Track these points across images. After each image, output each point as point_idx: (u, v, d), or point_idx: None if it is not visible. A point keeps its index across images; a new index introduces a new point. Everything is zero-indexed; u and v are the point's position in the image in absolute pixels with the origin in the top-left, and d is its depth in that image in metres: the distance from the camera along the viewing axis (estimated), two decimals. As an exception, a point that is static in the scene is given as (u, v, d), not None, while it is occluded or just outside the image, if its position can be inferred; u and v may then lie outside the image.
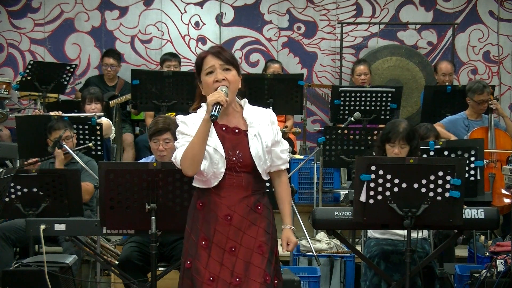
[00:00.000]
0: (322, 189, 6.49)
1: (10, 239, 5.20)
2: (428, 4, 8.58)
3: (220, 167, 3.18)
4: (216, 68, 3.20)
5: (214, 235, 3.19)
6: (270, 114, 3.33)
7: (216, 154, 3.18)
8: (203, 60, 3.24)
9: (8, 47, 8.41)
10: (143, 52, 8.50)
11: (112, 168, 3.88)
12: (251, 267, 3.16)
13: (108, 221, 3.95)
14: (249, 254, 3.18)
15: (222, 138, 3.22)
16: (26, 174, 4.82)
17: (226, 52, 3.24)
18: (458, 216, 3.99)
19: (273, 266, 3.21)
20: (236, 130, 3.24)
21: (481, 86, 6.46)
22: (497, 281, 4.63)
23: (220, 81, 3.18)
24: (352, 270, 5.41)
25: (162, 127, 4.65)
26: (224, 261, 3.17)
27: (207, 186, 3.22)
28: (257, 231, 3.21)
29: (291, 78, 6.71)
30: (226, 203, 3.20)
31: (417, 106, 8.18)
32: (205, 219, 3.22)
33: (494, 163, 6.23)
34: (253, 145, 3.21)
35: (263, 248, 3.19)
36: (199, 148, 3.13)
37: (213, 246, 3.19)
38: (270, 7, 8.53)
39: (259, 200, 3.26)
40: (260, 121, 3.27)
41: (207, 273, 3.16)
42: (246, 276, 3.15)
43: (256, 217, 3.23)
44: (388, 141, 4.57)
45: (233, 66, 3.22)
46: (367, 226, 4.38)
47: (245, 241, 3.19)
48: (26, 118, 6.42)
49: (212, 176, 3.19)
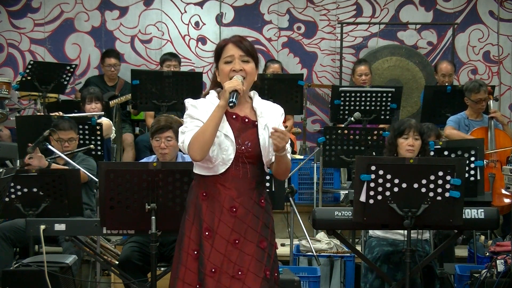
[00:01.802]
0: (322, 189, 6.49)
1: (10, 239, 5.19)
2: (428, 4, 8.58)
3: (229, 153, 3.17)
4: (235, 58, 3.21)
5: (219, 226, 3.17)
6: (279, 108, 3.34)
7: (227, 139, 3.17)
8: (223, 48, 3.24)
9: (8, 47, 8.41)
10: (143, 52, 8.51)
11: (112, 168, 3.89)
12: (252, 261, 3.15)
13: (108, 221, 3.95)
14: (251, 247, 3.16)
15: (232, 126, 3.21)
16: (26, 174, 4.82)
17: (247, 43, 3.24)
18: (458, 216, 3.99)
19: (272, 261, 3.21)
20: (246, 120, 3.24)
21: (477, 85, 6.47)
22: (497, 281, 4.63)
23: (237, 72, 3.19)
24: (352, 270, 5.41)
25: (164, 125, 4.69)
26: (227, 253, 3.15)
27: (213, 173, 3.18)
28: (260, 225, 3.20)
29: (291, 78, 6.71)
30: (231, 194, 3.18)
31: (417, 106, 8.18)
32: (209, 210, 3.20)
33: (494, 163, 6.24)
34: (262, 136, 3.21)
35: (264, 243, 3.19)
36: (210, 134, 3.12)
37: (216, 237, 3.17)
38: (270, 7, 8.54)
39: (261, 193, 3.26)
40: (269, 113, 3.27)
41: (209, 264, 3.14)
42: (248, 270, 3.14)
43: (259, 211, 3.22)
44: (401, 135, 4.60)
45: (252, 58, 3.22)
46: (367, 226, 4.38)
47: (248, 234, 3.18)
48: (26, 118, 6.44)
49: (221, 163, 3.17)
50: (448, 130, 6.43)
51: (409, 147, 4.60)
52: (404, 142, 4.61)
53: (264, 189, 3.30)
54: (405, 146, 4.60)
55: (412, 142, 4.60)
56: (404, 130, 4.61)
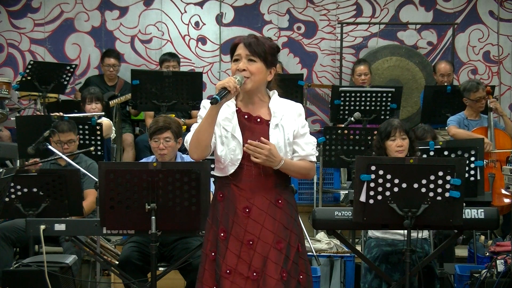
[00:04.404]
0: (322, 189, 6.49)
1: (10, 239, 5.20)
2: (428, 4, 8.58)
3: (237, 154, 3.16)
4: (242, 58, 3.20)
5: (233, 227, 3.17)
6: (298, 107, 3.32)
7: (234, 140, 3.17)
8: (235, 47, 3.24)
9: (8, 47, 8.41)
10: (143, 52, 8.50)
11: (112, 168, 3.89)
12: (268, 263, 3.13)
13: (108, 221, 3.95)
14: (267, 248, 3.14)
15: (243, 126, 3.21)
16: (26, 174, 4.82)
17: (258, 43, 3.21)
18: (458, 216, 3.99)
19: (291, 262, 3.16)
20: (258, 120, 3.23)
21: (475, 84, 6.48)
22: (497, 281, 4.63)
23: (241, 71, 3.19)
24: (352, 270, 5.40)
25: (163, 125, 4.68)
26: (241, 254, 3.14)
27: (225, 174, 3.19)
28: (277, 226, 3.17)
29: (291, 78, 6.71)
30: (245, 195, 3.18)
31: (417, 106, 8.18)
32: (225, 211, 3.20)
33: (494, 163, 6.24)
34: (273, 135, 3.19)
35: (281, 244, 3.15)
36: (203, 132, 3.13)
37: (231, 238, 3.16)
38: (270, 7, 8.53)
39: (280, 193, 3.22)
40: (284, 112, 3.25)
41: (223, 265, 3.14)
42: (263, 272, 3.12)
43: (276, 211, 3.19)
44: (388, 137, 4.61)
45: (259, 58, 3.20)
46: (367, 226, 4.38)
47: (263, 235, 3.15)
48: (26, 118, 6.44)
49: (230, 163, 3.17)
50: (454, 130, 6.41)
51: (398, 148, 4.60)
52: (392, 143, 4.61)
53: (284, 189, 3.25)
54: (394, 148, 4.60)
55: (401, 143, 4.60)
56: (390, 132, 4.61)
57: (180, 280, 4.73)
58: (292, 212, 3.25)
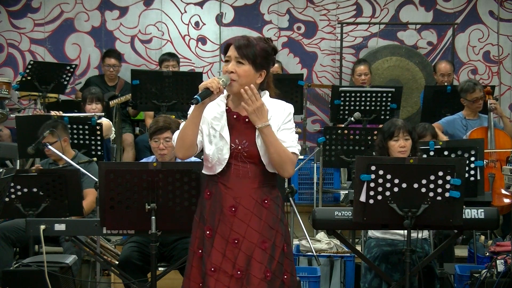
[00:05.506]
0: (322, 189, 6.49)
1: (10, 239, 5.20)
2: (428, 4, 8.58)
3: (224, 153, 3.18)
4: (231, 59, 3.22)
5: (219, 225, 3.18)
6: (287, 106, 3.31)
7: (222, 140, 3.19)
8: (227, 48, 3.27)
9: (8, 47, 8.41)
10: (143, 52, 8.51)
11: (112, 168, 3.89)
12: (252, 262, 3.15)
13: (108, 221, 3.95)
14: (251, 248, 3.16)
15: (231, 126, 3.23)
16: (26, 174, 4.82)
17: (248, 46, 3.21)
18: (458, 216, 3.99)
19: (275, 262, 3.18)
20: (246, 120, 3.23)
21: (472, 84, 6.47)
22: (497, 281, 4.63)
23: (229, 73, 3.19)
24: (352, 270, 5.41)
25: (163, 125, 4.68)
26: (226, 252, 3.16)
27: (212, 172, 3.22)
28: (262, 226, 3.19)
29: (291, 78, 6.71)
30: (232, 194, 3.20)
31: (417, 106, 8.18)
32: (211, 209, 3.22)
33: (494, 163, 6.23)
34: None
35: (265, 244, 3.17)
36: (187, 131, 3.17)
37: (216, 236, 3.18)
38: (270, 7, 8.53)
39: (267, 194, 3.23)
40: (273, 113, 3.24)
41: (208, 263, 3.16)
42: (247, 270, 3.14)
43: (262, 211, 3.20)
44: (391, 137, 4.60)
45: (248, 61, 3.19)
46: (367, 226, 4.38)
47: (248, 234, 3.17)
48: (26, 118, 6.42)
49: (217, 162, 3.19)
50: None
51: (401, 149, 4.59)
52: (395, 144, 4.60)
53: (271, 190, 3.26)
54: (397, 148, 4.59)
55: (404, 143, 4.58)
56: (394, 132, 4.59)
57: (180, 280, 4.68)
58: (279, 212, 3.26)
